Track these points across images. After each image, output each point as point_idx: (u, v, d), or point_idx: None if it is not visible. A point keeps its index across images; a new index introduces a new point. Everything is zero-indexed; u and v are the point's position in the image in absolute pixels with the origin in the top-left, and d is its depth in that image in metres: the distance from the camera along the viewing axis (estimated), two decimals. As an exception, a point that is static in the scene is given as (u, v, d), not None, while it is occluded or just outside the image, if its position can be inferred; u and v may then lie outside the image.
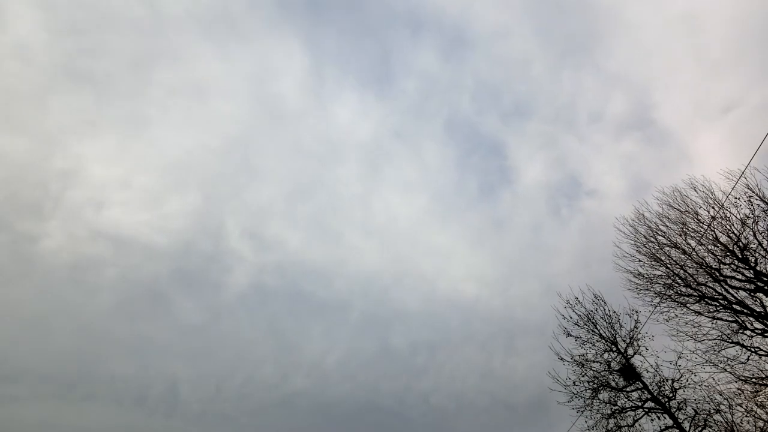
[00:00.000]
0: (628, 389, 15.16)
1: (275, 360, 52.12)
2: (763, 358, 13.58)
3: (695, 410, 14.27)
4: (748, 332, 13.73)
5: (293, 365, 50.68)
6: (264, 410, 46.02)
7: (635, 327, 15.47)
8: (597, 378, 15.45)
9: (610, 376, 15.44)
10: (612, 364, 15.54)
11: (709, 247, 14.33)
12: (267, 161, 72.43)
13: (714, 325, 14.40)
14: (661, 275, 15.19)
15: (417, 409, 44.76)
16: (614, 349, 15.58)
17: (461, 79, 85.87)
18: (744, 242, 13.74)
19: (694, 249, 14.43)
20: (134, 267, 54.88)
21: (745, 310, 13.69)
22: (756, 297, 13.66)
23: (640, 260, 15.69)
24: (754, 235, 13.62)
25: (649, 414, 14.62)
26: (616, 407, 15.04)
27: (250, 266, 60.05)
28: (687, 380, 14.52)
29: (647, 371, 15.12)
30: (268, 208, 67.82)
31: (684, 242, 14.76)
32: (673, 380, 14.76)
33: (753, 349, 13.69)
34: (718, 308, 14.20)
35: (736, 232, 13.86)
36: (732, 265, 14.01)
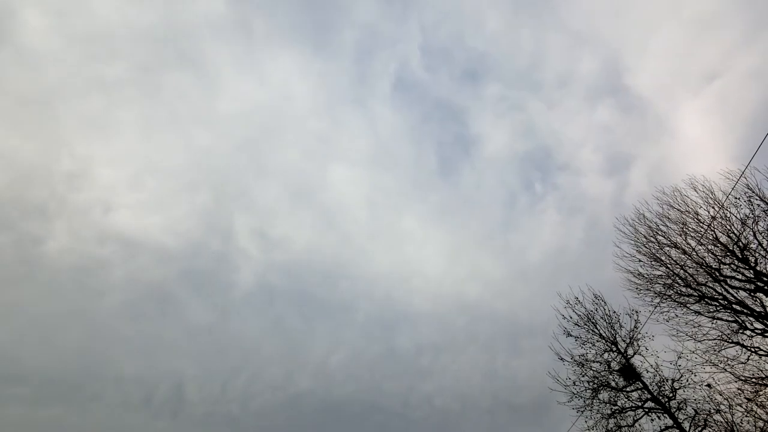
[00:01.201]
0: (628, 389, 15.17)
1: (281, 360, 52.35)
2: (763, 358, 13.55)
3: (695, 410, 14.26)
4: (748, 332, 13.71)
5: (298, 366, 50.88)
6: (269, 411, 46.21)
7: (635, 327, 15.49)
8: (597, 378, 15.47)
9: (610, 376, 15.45)
10: (612, 364, 15.56)
11: (709, 247, 14.32)
12: (274, 160, 72.46)
13: (714, 325, 14.41)
14: (661, 275, 15.20)
15: (421, 410, 44.74)
16: (614, 349, 15.59)
17: (407, 32, 75.92)
18: (744, 242, 13.73)
19: (694, 249, 14.44)
20: (142, 268, 55.48)
21: (745, 310, 13.68)
22: (756, 297, 13.64)
23: (640, 260, 15.71)
24: (754, 235, 13.61)
25: (649, 414, 14.62)
26: (616, 407, 15.04)
27: (258, 266, 60.47)
28: (687, 380, 14.52)
29: (647, 371, 15.15)
30: (276, 207, 68.04)
31: (684, 242, 14.77)
32: (673, 380, 14.75)
33: (753, 349, 13.67)
34: (718, 308, 14.19)
35: (736, 232, 13.85)
36: (732, 265, 13.99)
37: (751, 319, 13.67)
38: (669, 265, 14.98)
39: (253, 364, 50.87)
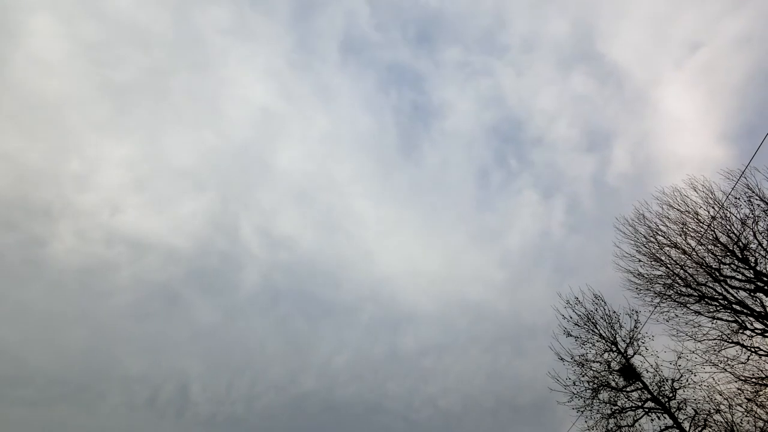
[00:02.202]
0: (628, 389, 15.16)
1: (285, 361, 52.54)
2: (763, 358, 13.54)
3: (695, 410, 14.24)
4: (748, 332, 13.72)
5: (302, 366, 51.03)
6: (273, 411, 46.36)
7: (635, 327, 15.48)
8: (597, 378, 15.46)
9: (610, 376, 15.44)
10: (612, 364, 15.56)
11: (709, 247, 14.33)
12: (278, 160, 72.43)
13: (714, 325, 14.42)
14: (661, 275, 15.22)
15: (424, 411, 44.72)
16: (614, 349, 15.59)
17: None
18: (744, 242, 13.73)
19: (694, 249, 14.45)
20: (149, 269, 55.93)
21: (745, 310, 13.68)
22: (756, 297, 13.64)
23: (640, 260, 15.73)
24: (754, 235, 13.61)
25: (649, 414, 14.60)
26: (616, 407, 15.03)
27: (263, 266, 60.70)
28: (687, 380, 14.51)
29: (647, 371, 15.13)
30: (280, 208, 68.19)
31: (684, 242, 14.78)
32: (673, 380, 14.74)
33: (753, 349, 13.66)
34: (718, 308, 14.19)
35: (736, 232, 13.85)
36: (732, 265, 14.00)
37: (751, 319, 13.66)
38: (669, 265, 15.00)
39: (257, 364, 51.09)
